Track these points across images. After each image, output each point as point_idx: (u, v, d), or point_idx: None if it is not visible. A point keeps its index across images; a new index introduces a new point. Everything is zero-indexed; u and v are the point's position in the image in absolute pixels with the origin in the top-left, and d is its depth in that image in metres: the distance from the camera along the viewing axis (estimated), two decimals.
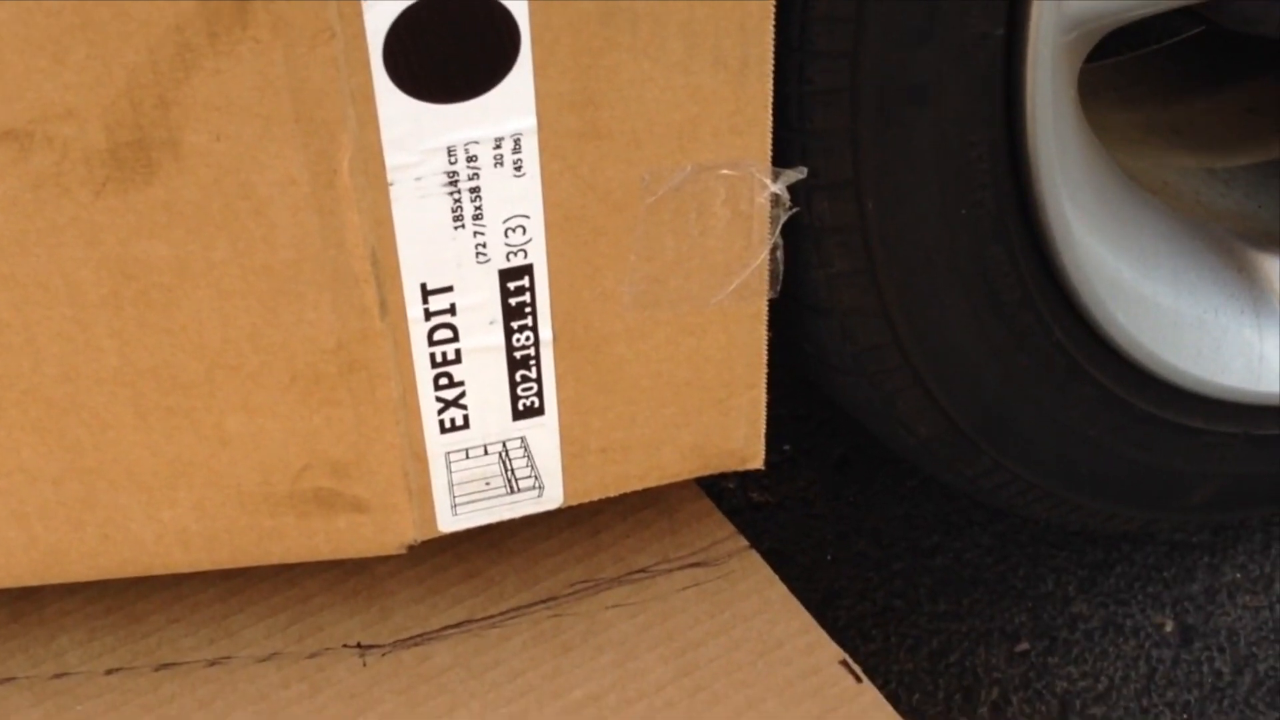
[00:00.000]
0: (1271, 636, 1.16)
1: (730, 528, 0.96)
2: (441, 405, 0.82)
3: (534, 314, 0.80)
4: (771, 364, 1.12)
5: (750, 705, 0.88)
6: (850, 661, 0.90)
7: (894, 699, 1.13)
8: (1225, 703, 1.13)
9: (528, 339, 0.81)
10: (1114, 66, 1.31)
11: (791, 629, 0.91)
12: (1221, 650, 1.15)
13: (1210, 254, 1.06)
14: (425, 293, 0.78)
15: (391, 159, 0.73)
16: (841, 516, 1.25)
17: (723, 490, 1.26)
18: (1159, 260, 1.01)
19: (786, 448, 1.30)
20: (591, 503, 0.95)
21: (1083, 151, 0.93)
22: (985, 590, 1.20)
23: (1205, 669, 1.14)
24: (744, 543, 0.96)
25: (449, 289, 0.78)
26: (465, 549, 0.96)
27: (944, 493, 1.26)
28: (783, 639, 0.91)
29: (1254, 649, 1.15)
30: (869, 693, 0.88)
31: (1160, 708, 1.13)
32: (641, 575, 0.94)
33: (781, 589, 0.93)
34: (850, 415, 0.99)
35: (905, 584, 1.20)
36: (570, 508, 0.94)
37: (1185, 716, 1.12)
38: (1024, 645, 1.16)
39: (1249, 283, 1.07)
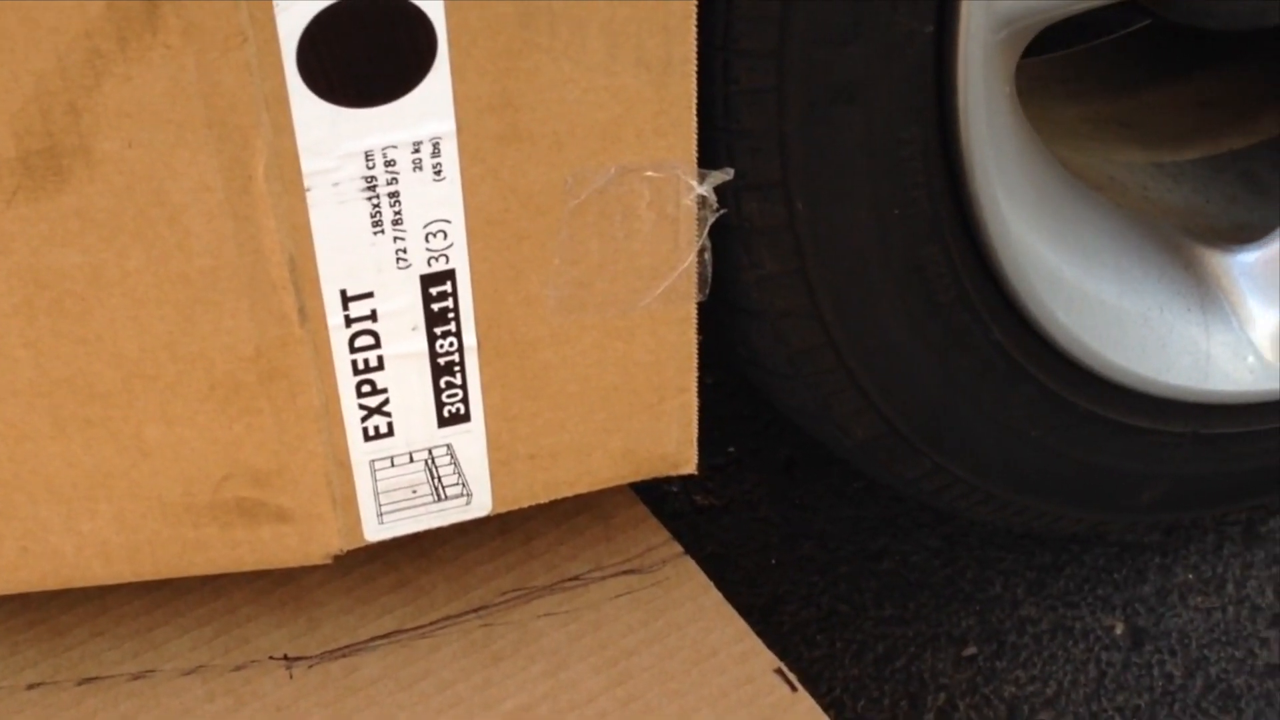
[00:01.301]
0: (1223, 639, 1.15)
1: (665, 534, 0.95)
2: (365, 413, 0.81)
3: (457, 320, 0.78)
4: (715, 366, 1.11)
5: (683, 715, 0.86)
6: (785, 670, 0.88)
7: (839, 706, 1.12)
8: (1176, 706, 1.11)
9: (451, 345, 0.79)
10: (1063, 60, 1.30)
11: (726, 637, 0.90)
12: (1173, 653, 1.14)
13: (1156, 250, 1.05)
14: (345, 299, 0.76)
15: (308, 164, 0.71)
16: (787, 519, 1.24)
17: (666, 494, 1.24)
18: (1102, 257, 1.00)
19: (732, 450, 1.28)
20: (524, 510, 0.93)
21: (1020, 148, 0.92)
22: (932, 594, 1.18)
23: (1156, 672, 1.13)
24: (679, 549, 0.94)
25: (370, 295, 0.76)
26: (395, 558, 0.94)
27: (891, 495, 1.24)
28: (717, 647, 0.89)
29: (1205, 651, 1.14)
30: (804, 701, 0.87)
31: (1110, 712, 1.11)
32: (574, 583, 0.93)
33: (716, 596, 0.92)
34: (789, 418, 0.98)
35: (851, 588, 1.19)
36: (503, 515, 0.93)
37: None
38: (971, 649, 1.15)
39: (1196, 279, 1.06)
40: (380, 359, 0.79)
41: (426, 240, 0.75)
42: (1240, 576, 1.18)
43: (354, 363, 0.78)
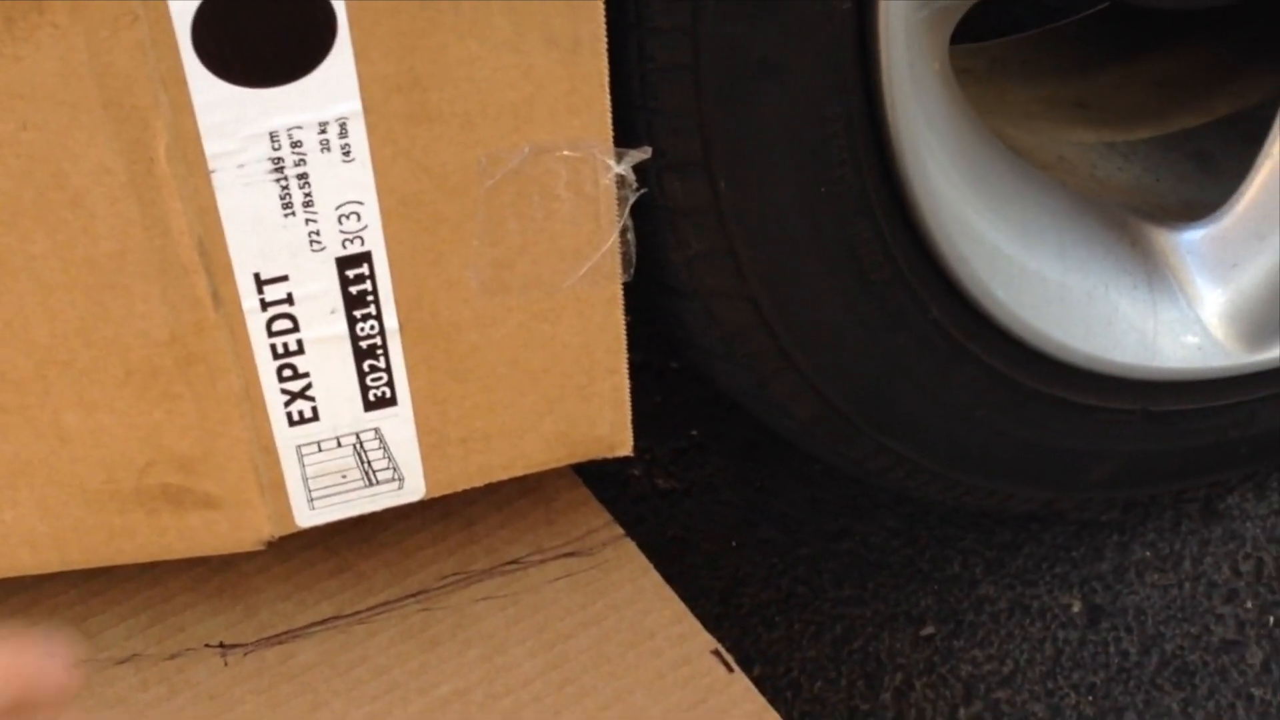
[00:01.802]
0: (1179, 615, 1.14)
1: (606, 516, 0.95)
2: (288, 397, 0.80)
3: (377, 302, 0.78)
4: (678, 351, 1.10)
5: (619, 697, 0.86)
6: (722, 651, 0.88)
7: (796, 687, 1.12)
8: (1131, 683, 1.11)
9: (373, 328, 0.79)
10: (1020, 42, 1.29)
11: (664, 619, 0.89)
12: (1129, 630, 1.14)
13: (1102, 228, 1.04)
14: (259, 282, 0.76)
15: (211, 146, 0.71)
16: (748, 502, 1.23)
17: (629, 478, 1.24)
18: (1044, 234, 0.99)
19: (694, 433, 1.28)
20: (466, 494, 0.93)
21: (955, 126, 0.92)
22: (891, 574, 1.18)
23: (1112, 649, 1.13)
24: (619, 531, 0.94)
25: (284, 278, 0.76)
26: (335, 543, 0.94)
27: (852, 477, 1.24)
28: (654, 629, 0.89)
29: (1162, 628, 1.14)
30: (739, 682, 0.86)
31: (1065, 689, 1.11)
32: (514, 567, 0.92)
33: (655, 578, 0.91)
34: (733, 400, 0.98)
35: (810, 569, 1.18)
36: (445, 499, 0.93)
37: (1090, 698, 1.10)
38: (929, 629, 1.15)
39: (1143, 257, 1.05)
40: (300, 343, 0.79)
41: (340, 222, 0.75)
42: (1197, 553, 1.17)
43: (273, 347, 0.78)
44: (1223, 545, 1.18)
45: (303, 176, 0.73)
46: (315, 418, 0.82)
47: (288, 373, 0.80)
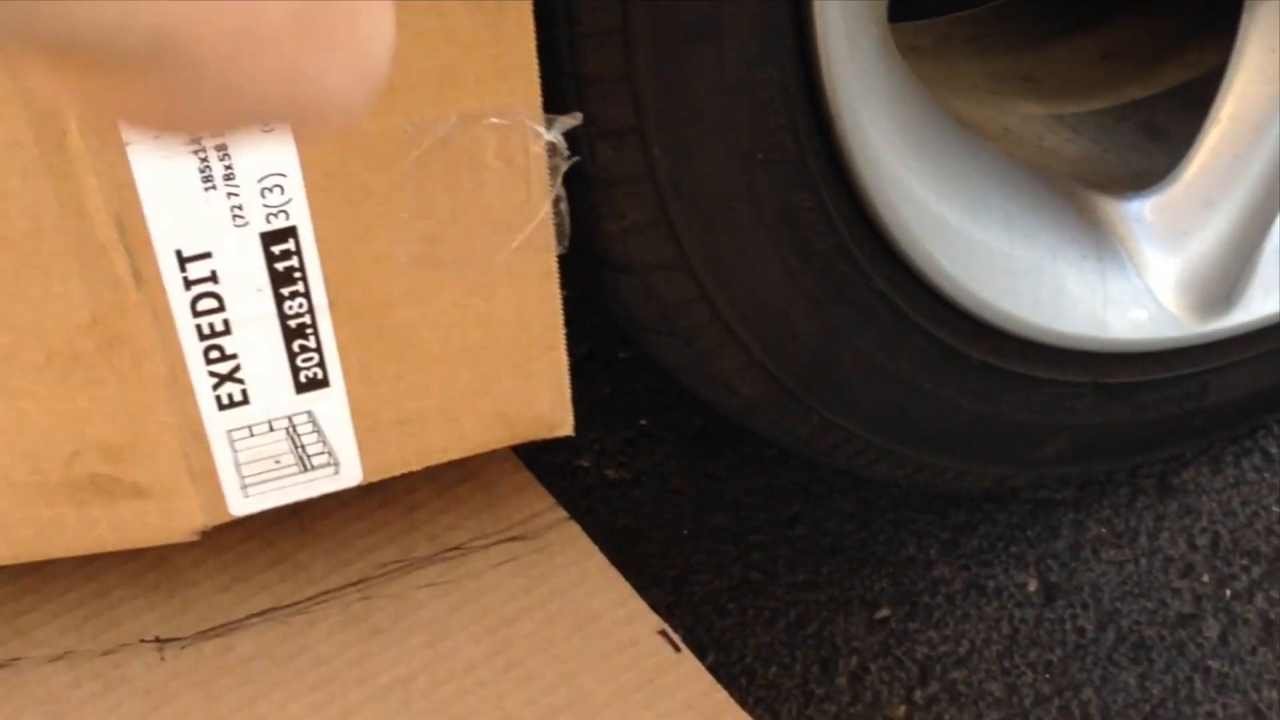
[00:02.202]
0: (1135, 591, 1.13)
1: (550, 500, 0.93)
2: (216, 380, 0.78)
3: (305, 279, 0.76)
4: (628, 340, 1.08)
5: (565, 681, 0.84)
6: (669, 631, 0.86)
7: (750, 674, 1.10)
8: (1088, 660, 1.10)
9: (301, 306, 0.77)
10: (968, 18, 1.28)
11: (610, 600, 0.88)
12: (1085, 607, 1.12)
13: (1050, 199, 1.03)
14: (182, 260, 0.74)
15: None
16: (700, 490, 1.21)
17: (577, 469, 1.22)
18: (990, 205, 0.98)
19: (643, 422, 1.26)
20: (407, 480, 0.91)
21: (898, 95, 0.90)
22: (845, 558, 1.16)
23: (1068, 627, 1.11)
24: (563, 514, 0.92)
25: (208, 255, 0.74)
26: (273, 534, 0.92)
27: (804, 461, 1.22)
28: (600, 611, 0.87)
29: (1118, 604, 1.12)
30: (687, 662, 0.84)
31: (1022, 668, 1.09)
32: (456, 553, 0.91)
33: (600, 560, 0.90)
34: (674, 379, 0.96)
35: (763, 556, 1.17)
36: (386, 487, 0.91)
37: (1047, 676, 1.09)
38: (884, 612, 1.13)
39: (1092, 227, 1.04)
40: (226, 323, 0.77)
41: (263, 196, 0.73)
42: (1153, 529, 1.16)
43: (198, 327, 0.76)
44: (1179, 520, 1.17)
45: (222, 148, 0.71)
46: (245, 401, 0.80)
47: (215, 354, 0.77)
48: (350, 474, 0.84)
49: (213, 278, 0.75)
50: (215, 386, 0.78)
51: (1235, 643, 1.10)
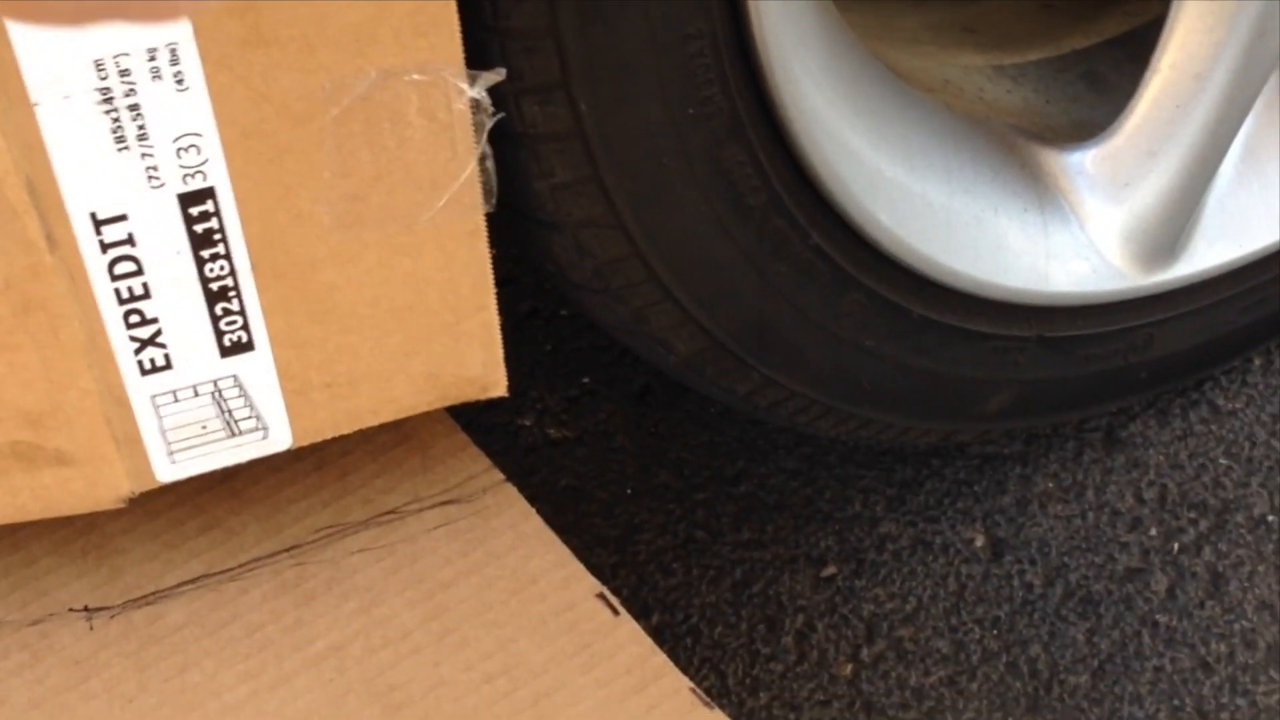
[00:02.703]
0: (1083, 545, 1.12)
1: (486, 462, 0.92)
2: (137, 345, 0.77)
3: (225, 241, 0.75)
4: (561, 292, 1.06)
5: (501, 646, 0.83)
6: (607, 594, 0.85)
7: (695, 633, 1.09)
8: (1036, 615, 1.09)
9: (223, 268, 0.75)
10: None
11: (546, 564, 0.86)
12: (1033, 562, 1.12)
13: (990, 151, 1.02)
14: (97, 222, 0.72)
15: (31, 75, 0.67)
16: (643, 448, 1.20)
17: (519, 429, 1.21)
18: (929, 157, 0.96)
19: (585, 380, 1.25)
20: (341, 444, 0.90)
21: (831, 47, 0.89)
22: (790, 515, 1.15)
23: (1016, 582, 1.11)
24: (500, 476, 0.91)
25: (123, 217, 0.72)
26: (204, 500, 0.90)
27: (749, 418, 1.21)
28: (537, 575, 0.86)
29: (1065, 559, 1.12)
30: (625, 625, 0.83)
31: (969, 624, 1.09)
32: (391, 517, 0.89)
33: (537, 522, 0.88)
34: (612, 337, 0.95)
35: (708, 514, 1.16)
36: (319, 451, 0.89)
37: (995, 632, 1.09)
38: (830, 570, 1.13)
39: (1033, 179, 1.03)
40: (146, 286, 0.75)
41: (178, 156, 0.71)
42: (1100, 483, 1.15)
43: (117, 291, 0.74)
44: (1126, 474, 1.16)
45: (134, 108, 0.69)
46: (168, 365, 0.78)
47: (135, 319, 0.76)
48: (279, 438, 0.83)
49: (130, 240, 0.73)
50: (137, 351, 0.77)
51: (1183, 596, 1.10)
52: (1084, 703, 1.05)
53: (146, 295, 0.75)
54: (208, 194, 0.73)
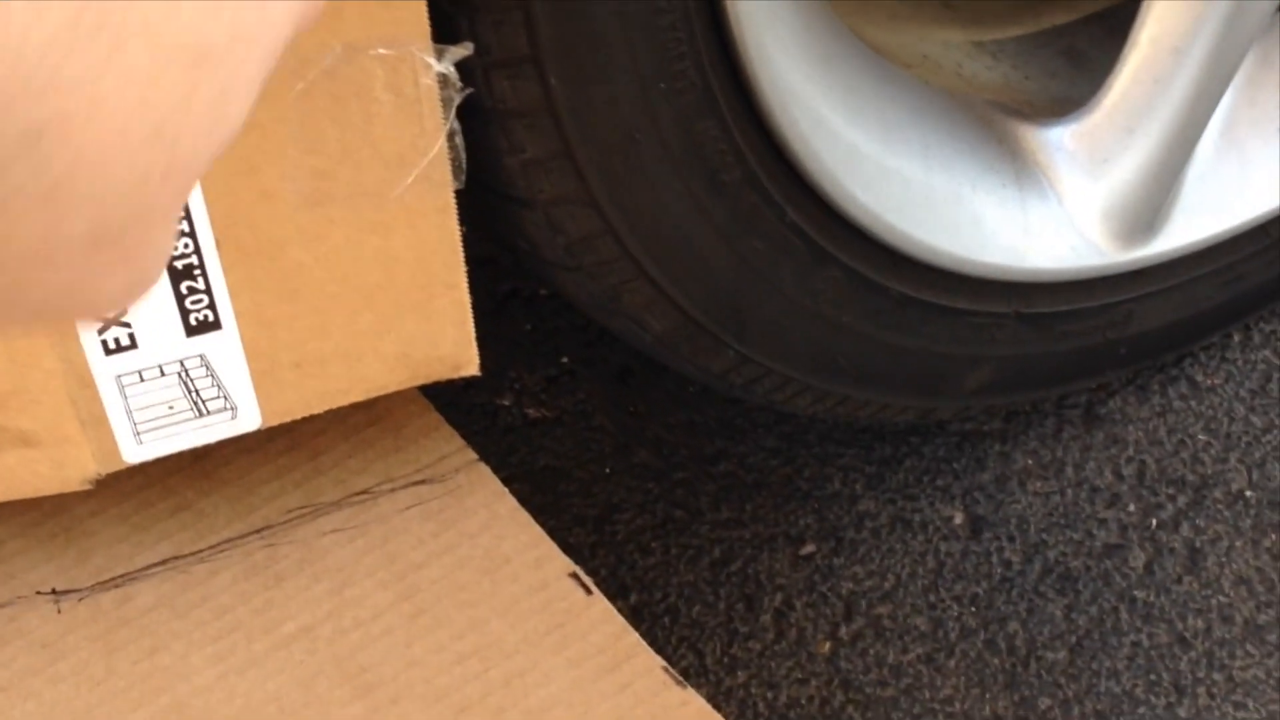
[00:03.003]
0: (1061, 522, 1.12)
1: (459, 442, 0.91)
2: (101, 324, 0.76)
3: (189, 219, 0.74)
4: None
5: (474, 626, 0.82)
6: (581, 574, 0.84)
7: (673, 612, 1.09)
8: (1014, 592, 1.09)
9: (187, 246, 0.75)
10: None
11: (520, 544, 0.86)
12: (1011, 539, 1.11)
13: (968, 127, 1.01)
14: None
15: None
16: (622, 428, 1.20)
17: (498, 409, 1.20)
18: (905, 133, 0.96)
19: (565, 359, 1.24)
20: (312, 425, 0.89)
21: (806, 21, 0.88)
22: (769, 494, 1.15)
23: (994, 559, 1.10)
24: (472, 456, 0.90)
25: None
26: (174, 482, 0.89)
27: (728, 397, 1.21)
28: (510, 555, 0.85)
29: (1044, 536, 1.11)
30: (598, 605, 0.83)
31: (948, 601, 1.08)
32: (363, 497, 0.88)
33: (510, 503, 0.88)
34: (587, 315, 0.94)
35: (687, 493, 1.15)
36: (291, 432, 0.89)
37: (973, 609, 1.08)
38: (809, 548, 1.12)
39: (1011, 155, 1.02)
40: None
41: None
42: (1079, 459, 1.15)
43: None
44: (1105, 450, 1.16)
45: None
46: (133, 345, 0.77)
47: None
48: (248, 418, 0.82)
49: None
50: (101, 331, 0.76)
51: (1161, 572, 1.09)
52: (1061, 678, 1.04)
53: None
54: None
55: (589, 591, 0.83)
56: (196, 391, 0.80)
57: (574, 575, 0.84)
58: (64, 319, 0.29)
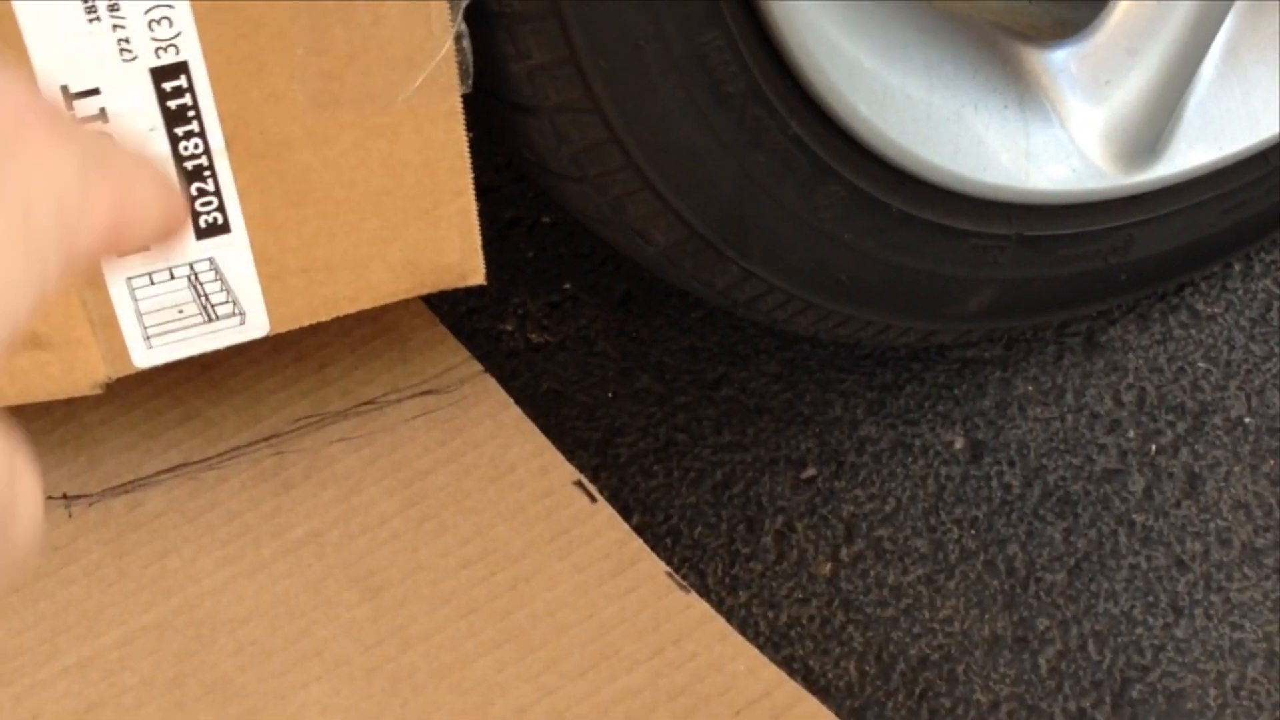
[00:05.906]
0: (1061, 447, 1.13)
1: (464, 353, 0.92)
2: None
3: (199, 118, 0.74)
4: (552, 206, 1.06)
5: (479, 532, 0.83)
6: (585, 482, 0.85)
7: (675, 534, 1.09)
8: (1014, 515, 1.09)
9: (197, 147, 0.75)
10: None
11: (525, 452, 0.87)
12: (1011, 464, 1.12)
13: (971, 47, 1.01)
14: (69, 96, 0.72)
15: None
16: (625, 353, 1.20)
17: (501, 334, 1.21)
18: (908, 51, 0.96)
19: (567, 286, 1.25)
20: (319, 336, 0.89)
21: None
22: (771, 419, 1.16)
23: (994, 483, 1.11)
24: (478, 367, 0.91)
25: (95, 91, 0.72)
26: (182, 391, 0.90)
27: (730, 322, 1.21)
28: (515, 463, 0.86)
29: (1044, 460, 1.12)
30: (603, 511, 0.84)
31: (948, 524, 1.09)
32: (370, 407, 0.89)
33: (515, 412, 0.88)
34: (589, 228, 0.94)
35: (689, 417, 1.16)
36: (297, 342, 0.89)
37: (973, 531, 1.09)
38: (810, 471, 1.13)
39: (1014, 77, 1.02)
40: None
41: (150, 29, 0.71)
42: (1079, 386, 1.16)
43: None
44: (1105, 377, 1.16)
45: None
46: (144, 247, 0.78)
47: None
48: (257, 324, 0.83)
49: (101, 115, 0.72)
50: None
51: (1159, 497, 1.10)
52: (1060, 599, 1.05)
53: None
54: (181, 69, 0.72)
55: (593, 499, 0.84)
56: (206, 295, 0.80)
57: (579, 483, 0.85)
58: None
